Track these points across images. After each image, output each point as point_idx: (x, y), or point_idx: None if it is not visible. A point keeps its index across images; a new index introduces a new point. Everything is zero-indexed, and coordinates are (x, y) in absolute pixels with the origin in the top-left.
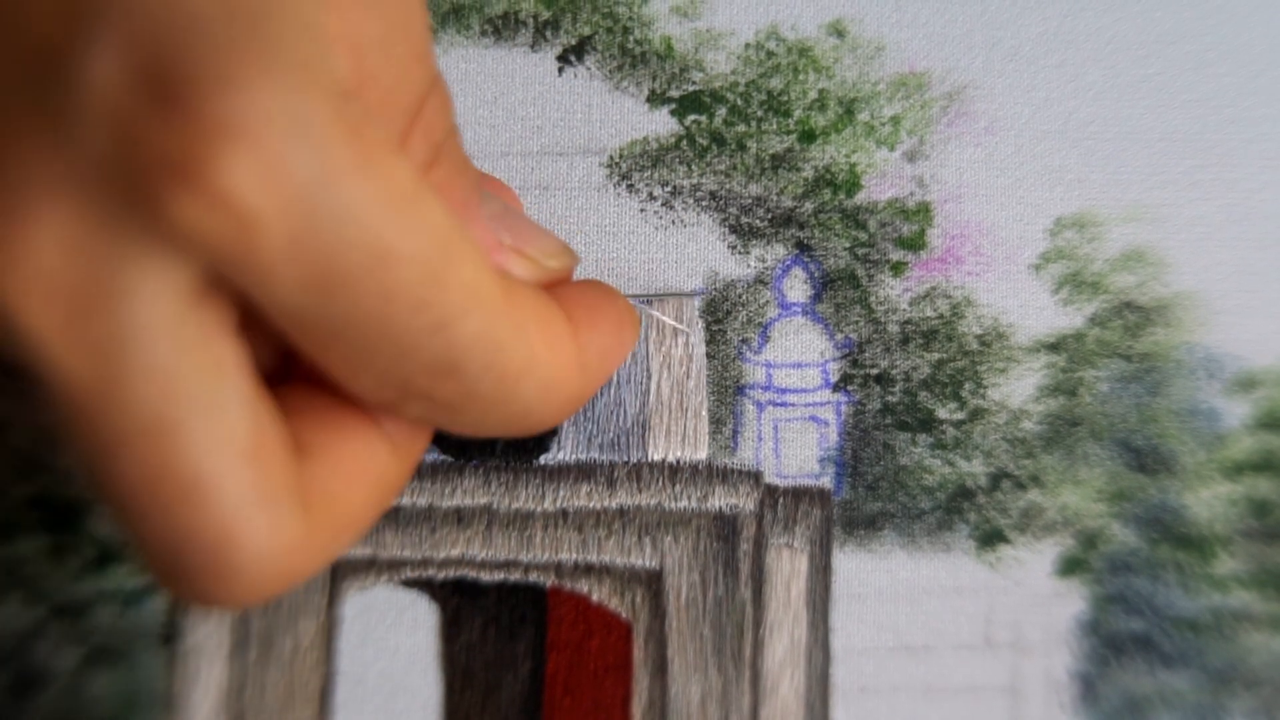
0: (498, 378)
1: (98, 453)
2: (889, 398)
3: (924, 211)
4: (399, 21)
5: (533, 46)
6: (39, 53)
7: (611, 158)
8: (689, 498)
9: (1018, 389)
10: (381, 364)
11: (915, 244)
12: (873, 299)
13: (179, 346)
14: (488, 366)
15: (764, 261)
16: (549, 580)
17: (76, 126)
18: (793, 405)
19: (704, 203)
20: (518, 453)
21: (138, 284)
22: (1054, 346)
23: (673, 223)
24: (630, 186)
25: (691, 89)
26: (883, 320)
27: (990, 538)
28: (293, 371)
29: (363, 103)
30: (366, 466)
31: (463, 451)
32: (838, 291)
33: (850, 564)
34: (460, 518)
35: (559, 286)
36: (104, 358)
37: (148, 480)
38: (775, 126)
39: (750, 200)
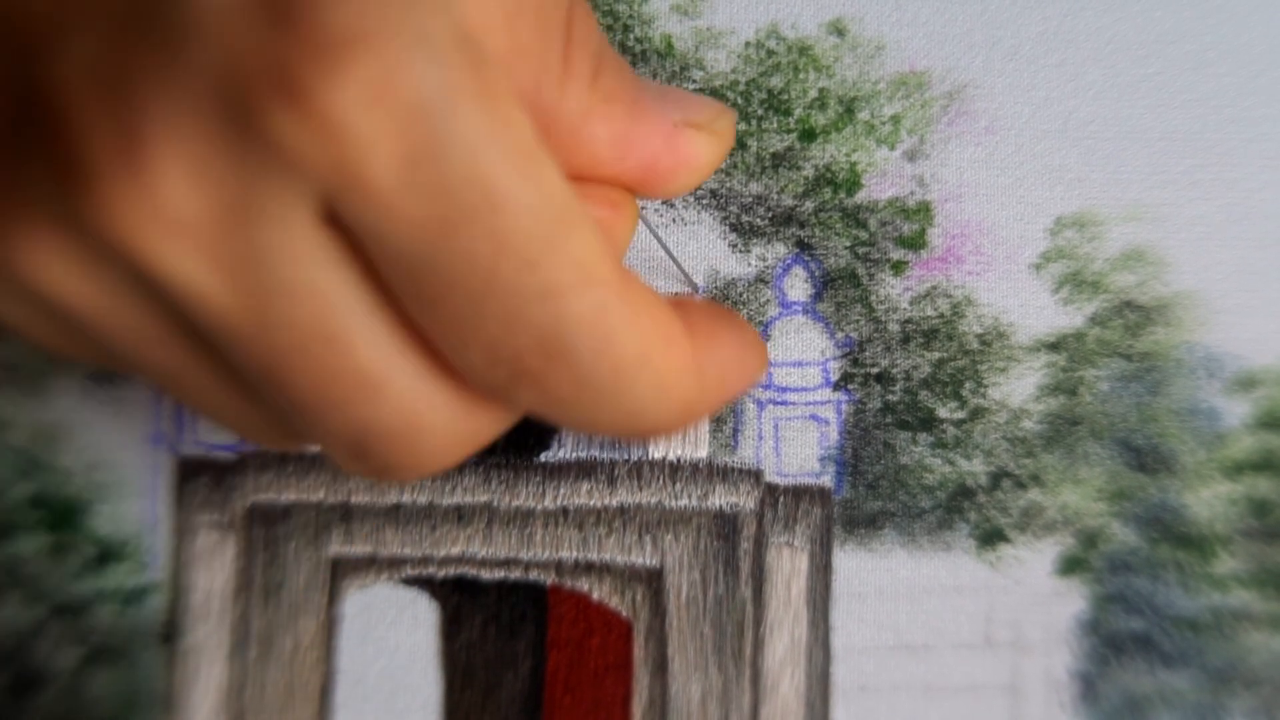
0: (610, 367)
1: (265, 370)
2: (889, 397)
3: (924, 210)
4: None
5: None
6: None
7: None
8: (689, 496)
9: (1018, 388)
10: (491, 330)
11: (916, 243)
12: (873, 298)
13: (320, 265)
14: (599, 352)
15: (764, 260)
16: (549, 578)
17: (188, 46)
18: (793, 404)
19: (704, 201)
20: (518, 450)
21: (268, 209)
22: (1054, 346)
23: (673, 221)
24: None
25: (692, 87)
26: (883, 319)
27: (990, 537)
28: None
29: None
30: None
31: None
32: (838, 290)
33: (850, 563)
34: (460, 515)
35: (683, 300)
36: (251, 284)
37: (319, 386)
38: (775, 125)
39: (751, 199)
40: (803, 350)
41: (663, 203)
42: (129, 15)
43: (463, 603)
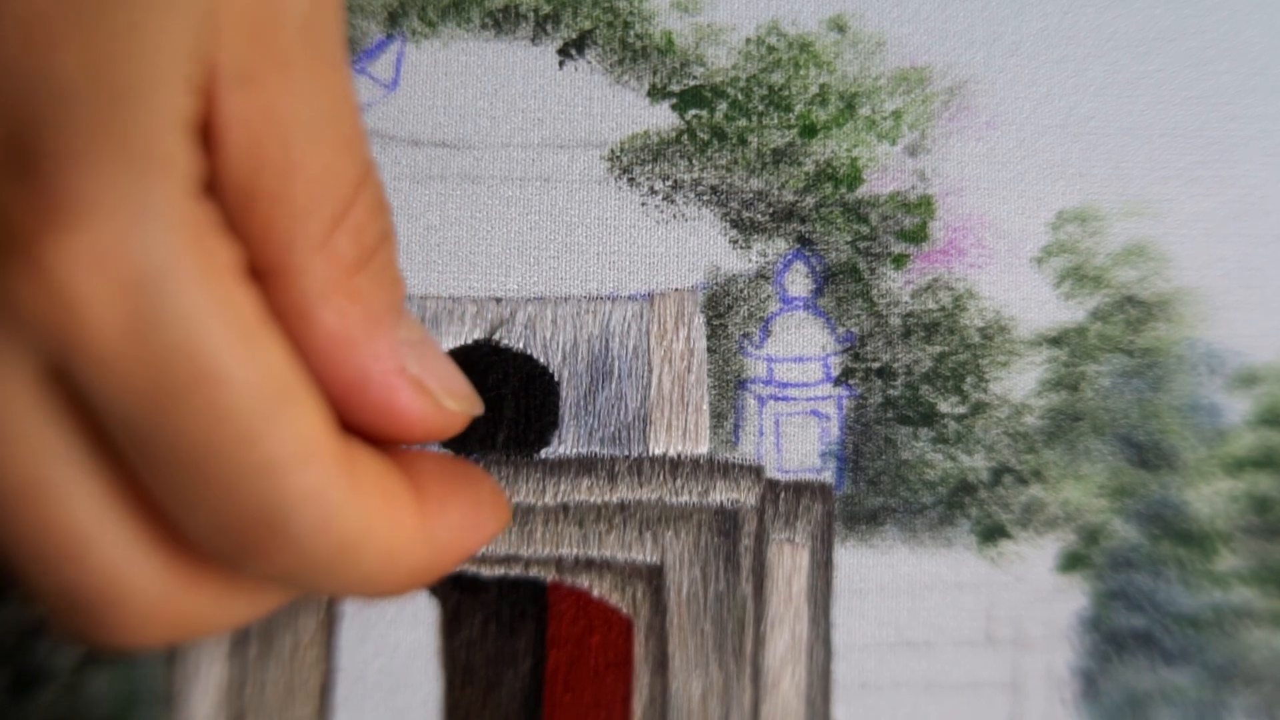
0: (333, 543)
1: None
2: (890, 392)
3: (925, 205)
4: (326, 108)
5: (533, 40)
6: None
7: (612, 151)
8: (690, 492)
9: (1019, 383)
10: (212, 501)
11: (917, 237)
12: (874, 292)
13: (35, 419)
14: (320, 529)
15: (765, 256)
16: (549, 576)
17: None
18: (794, 399)
19: (705, 197)
20: (518, 446)
21: None
22: (1056, 340)
23: (674, 217)
24: (631, 180)
25: (692, 83)
26: (884, 314)
27: (992, 533)
28: None
29: (214, 215)
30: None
31: (462, 445)
32: (839, 285)
33: (851, 559)
34: None
35: (416, 459)
36: None
37: (25, 539)
38: (776, 121)
39: (751, 194)
40: (804, 345)
41: (663, 198)
42: None
43: (463, 600)
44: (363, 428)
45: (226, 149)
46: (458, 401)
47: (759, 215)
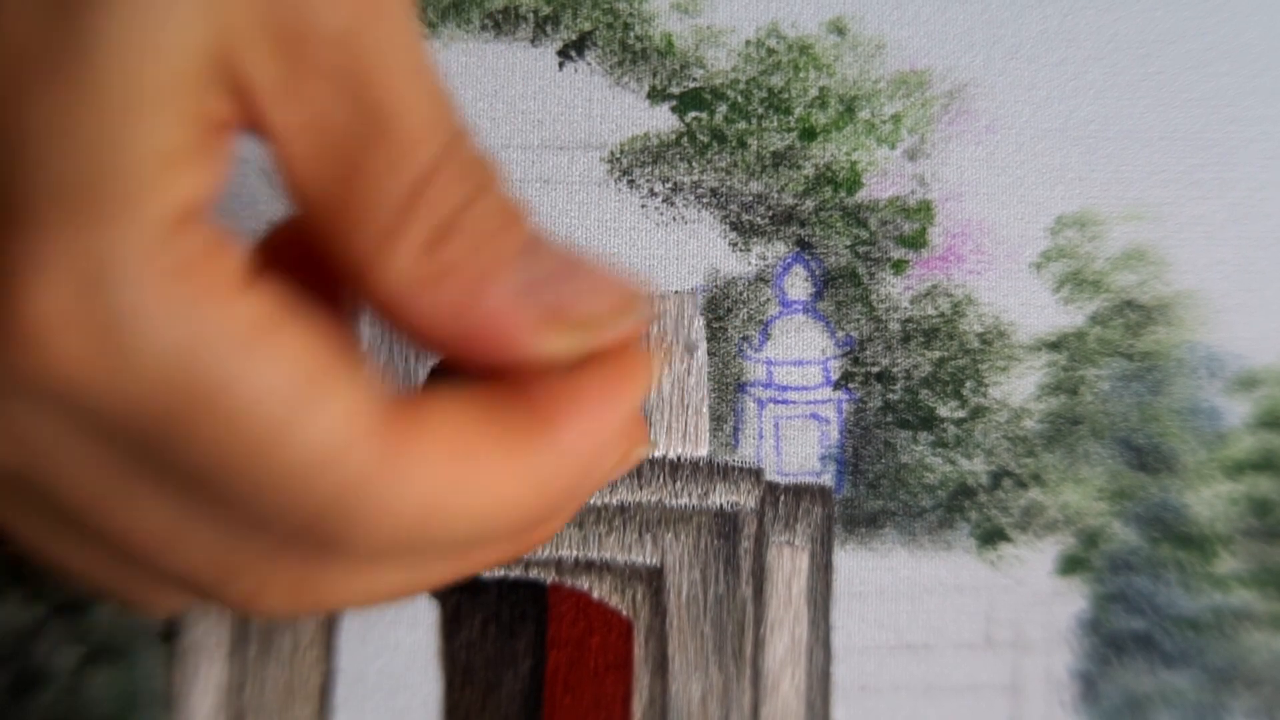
0: (409, 519)
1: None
2: (890, 395)
3: (925, 209)
4: (379, 103)
5: (533, 41)
6: None
7: (612, 153)
8: (690, 495)
9: (1019, 387)
10: (260, 514)
11: (916, 242)
12: (874, 297)
13: (71, 461)
14: (385, 511)
15: (765, 259)
16: (549, 577)
17: None
18: (794, 403)
19: (705, 200)
20: None
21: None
22: (1055, 345)
23: (673, 219)
24: (631, 182)
25: (692, 86)
26: (884, 318)
27: (991, 536)
28: None
29: (203, 234)
30: None
31: None
32: (839, 289)
33: (851, 562)
34: None
35: (525, 385)
36: (24, 464)
37: (116, 541)
38: (776, 124)
39: (751, 198)
40: (803, 349)
41: (663, 200)
42: None
43: (463, 601)
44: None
45: (285, 153)
46: (613, 319)
47: (758, 218)
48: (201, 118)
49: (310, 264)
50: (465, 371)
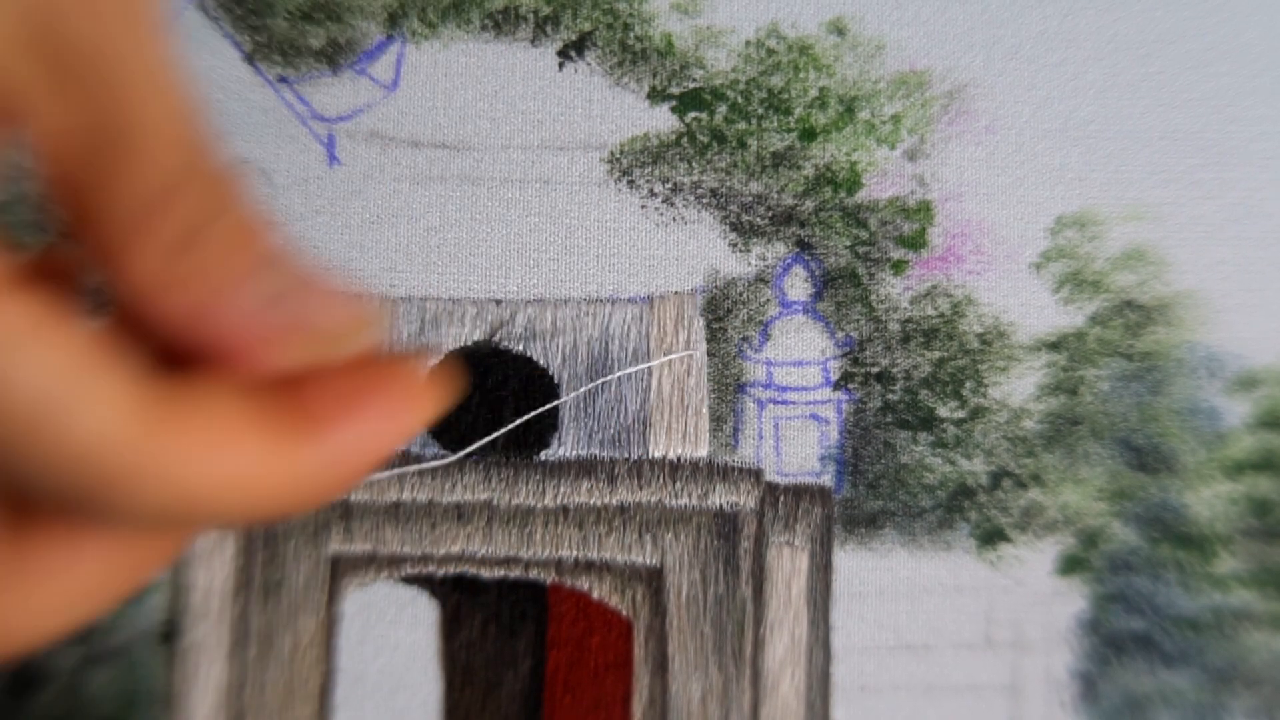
0: (165, 501)
1: None
2: (890, 396)
3: (925, 210)
4: (134, 103)
5: (533, 41)
6: None
7: (612, 153)
8: (690, 495)
9: (1018, 387)
10: (32, 490)
11: (916, 242)
12: (873, 297)
13: None
14: (141, 494)
15: (765, 259)
16: (549, 577)
17: None
18: (793, 403)
19: (705, 200)
20: (518, 448)
21: None
22: (1055, 345)
23: (673, 220)
24: (631, 183)
25: (692, 86)
26: (883, 319)
27: (991, 536)
28: None
29: None
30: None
31: (463, 446)
32: (838, 290)
33: (851, 562)
34: (461, 514)
35: (314, 375)
36: None
37: None
38: (776, 124)
39: (751, 198)
40: (803, 350)
41: (663, 201)
42: None
43: (463, 601)
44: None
45: (44, 149)
46: (349, 336)
47: (758, 219)
48: None
49: (70, 284)
50: None
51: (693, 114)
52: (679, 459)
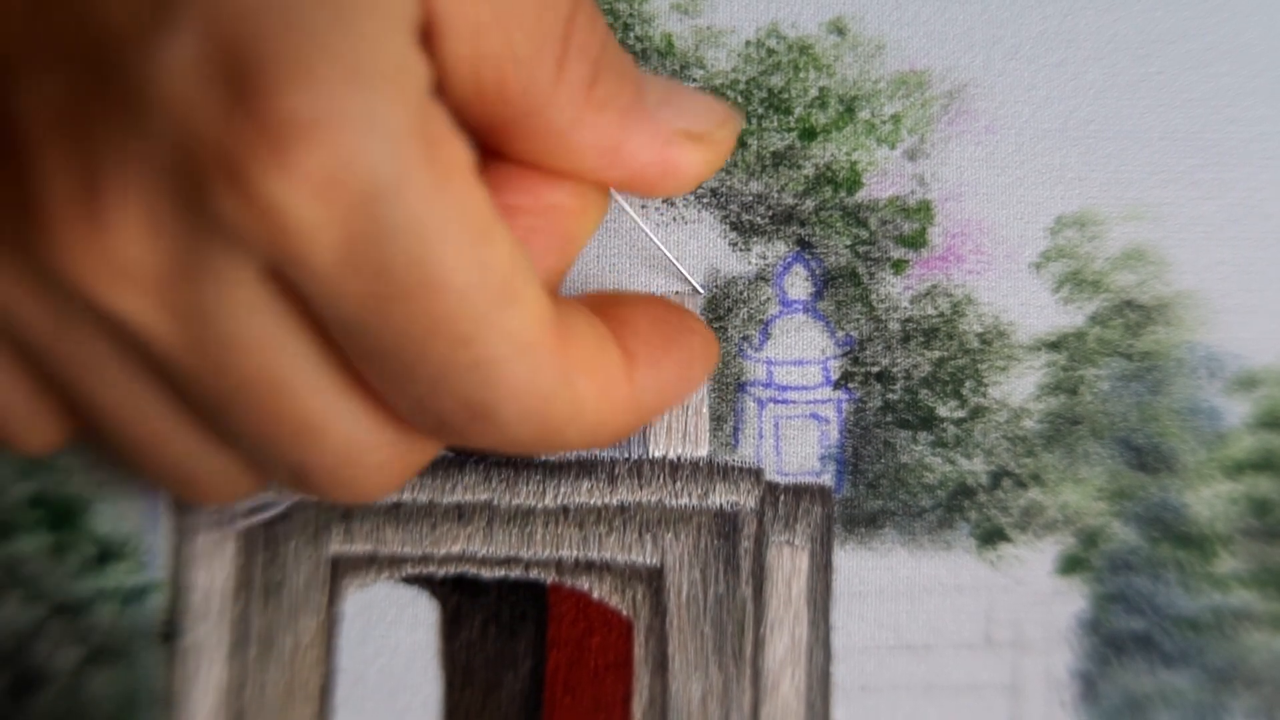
0: (537, 426)
1: (214, 409)
2: (890, 395)
3: (925, 209)
4: None
5: None
6: (116, 38)
7: None
8: (690, 495)
9: (1018, 387)
10: (421, 392)
11: (916, 242)
12: (874, 297)
13: (263, 318)
14: (525, 416)
15: (765, 259)
16: (549, 577)
17: (148, 112)
18: (793, 402)
19: (705, 200)
20: None
21: (214, 266)
22: (1055, 345)
23: (673, 219)
24: None
25: (692, 86)
26: (884, 318)
27: (991, 536)
28: None
29: (442, 116)
30: None
31: (461, 446)
32: (839, 289)
33: (851, 562)
34: (461, 514)
35: (633, 317)
36: (198, 331)
37: (263, 427)
38: (776, 124)
39: (751, 197)
40: (803, 349)
41: (662, 201)
42: (96, 62)
43: (463, 601)
44: (652, 189)
45: (450, 39)
46: (724, 126)
47: (758, 218)
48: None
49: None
50: None
51: None
52: (679, 458)
